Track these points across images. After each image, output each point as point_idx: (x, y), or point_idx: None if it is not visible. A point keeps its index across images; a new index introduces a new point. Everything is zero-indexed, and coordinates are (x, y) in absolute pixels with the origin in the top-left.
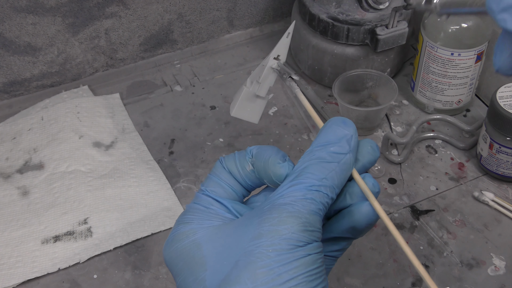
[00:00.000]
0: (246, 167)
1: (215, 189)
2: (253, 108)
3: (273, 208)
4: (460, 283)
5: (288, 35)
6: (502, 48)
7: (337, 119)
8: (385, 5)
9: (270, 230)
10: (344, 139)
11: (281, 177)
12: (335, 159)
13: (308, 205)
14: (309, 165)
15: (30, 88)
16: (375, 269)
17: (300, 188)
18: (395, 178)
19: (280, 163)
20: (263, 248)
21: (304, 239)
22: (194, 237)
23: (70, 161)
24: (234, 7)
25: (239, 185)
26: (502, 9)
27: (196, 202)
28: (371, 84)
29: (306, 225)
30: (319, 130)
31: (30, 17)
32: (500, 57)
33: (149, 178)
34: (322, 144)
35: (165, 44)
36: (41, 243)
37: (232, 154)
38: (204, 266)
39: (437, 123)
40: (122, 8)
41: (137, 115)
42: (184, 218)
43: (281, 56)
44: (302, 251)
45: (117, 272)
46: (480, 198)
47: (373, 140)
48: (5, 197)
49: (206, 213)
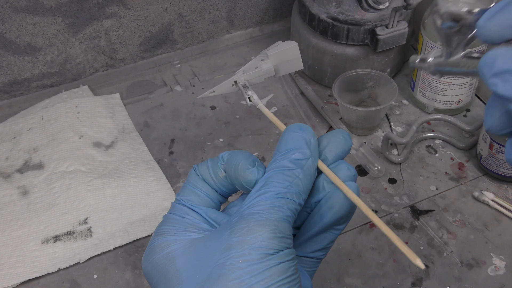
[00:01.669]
0: (219, 173)
1: (191, 198)
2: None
3: (241, 219)
4: (460, 283)
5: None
6: (493, 110)
7: (293, 126)
8: (385, 5)
9: (240, 241)
10: (303, 144)
11: (250, 182)
12: (298, 166)
13: (276, 212)
14: (273, 174)
15: (30, 88)
16: (375, 269)
17: (267, 197)
18: (395, 178)
19: (250, 169)
20: (233, 259)
21: (274, 246)
22: (168, 249)
23: (70, 161)
24: (234, 7)
25: (214, 192)
26: (493, 74)
27: (172, 212)
28: (371, 84)
29: (276, 232)
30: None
31: (30, 17)
32: (490, 119)
33: (149, 178)
34: (283, 152)
35: (165, 44)
36: (41, 243)
37: (205, 162)
38: (178, 279)
39: (437, 123)
40: (122, 8)
41: (137, 115)
42: (160, 229)
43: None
44: (273, 260)
45: (117, 272)
46: (480, 198)
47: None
48: (5, 196)
49: (181, 223)
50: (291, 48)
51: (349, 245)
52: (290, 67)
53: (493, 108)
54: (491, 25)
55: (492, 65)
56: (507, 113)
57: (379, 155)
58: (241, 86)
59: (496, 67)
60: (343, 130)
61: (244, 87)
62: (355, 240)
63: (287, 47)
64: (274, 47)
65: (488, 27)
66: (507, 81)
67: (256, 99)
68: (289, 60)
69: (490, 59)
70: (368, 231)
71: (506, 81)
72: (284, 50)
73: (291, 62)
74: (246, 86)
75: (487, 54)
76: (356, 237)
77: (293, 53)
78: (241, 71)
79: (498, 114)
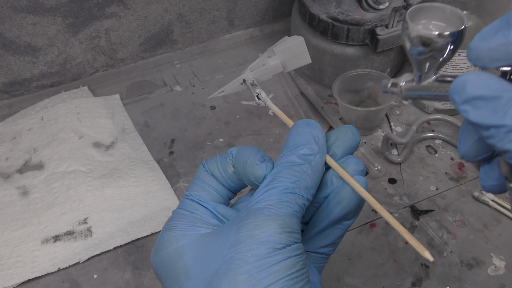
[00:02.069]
0: (227, 169)
1: (200, 193)
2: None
3: (249, 214)
4: (460, 283)
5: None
6: (466, 136)
7: (301, 121)
8: (385, 5)
9: (248, 235)
10: (311, 139)
11: (259, 178)
12: (306, 161)
13: (284, 207)
14: (282, 169)
15: (30, 88)
16: (375, 269)
17: (275, 192)
18: (395, 178)
19: (258, 164)
20: (242, 254)
21: (282, 241)
22: (177, 244)
23: (70, 161)
24: (234, 7)
25: (223, 187)
26: (464, 101)
27: (181, 207)
28: (371, 84)
29: (284, 227)
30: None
31: (30, 17)
32: (464, 145)
33: (149, 178)
34: (291, 148)
35: (165, 44)
36: (41, 243)
37: (214, 157)
38: (187, 274)
39: (437, 123)
40: (122, 8)
41: (137, 115)
42: (169, 224)
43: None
44: (281, 255)
45: (117, 272)
46: (480, 198)
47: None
48: (5, 197)
49: (190, 219)
50: (297, 43)
51: (349, 245)
52: (298, 62)
53: (466, 134)
54: (484, 48)
55: (462, 91)
56: (480, 140)
57: (379, 155)
58: (249, 84)
59: (466, 93)
60: (351, 126)
61: (252, 85)
62: (355, 240)
63: (293, 42)
64: (280, 43)
65: (480, 50)
66: (478, 108)
67: (264, 97)
68: (296, 55)
69: (460, 85)
70: (368, 231)
71: (477, 107)
72: (291, 45)
73: (299, 57)
74: (254, 84)
75: (457, 80)
76: (356, 237)
77: (299, 47)
78: (249, 69)
79: (471, 141)
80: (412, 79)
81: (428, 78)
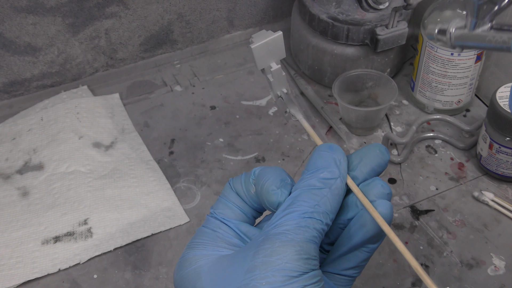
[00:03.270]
0: (250, 189)
1: (224, 211)
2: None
3: (266, 239)
4: (460, 283)
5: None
6: None
7: (323, 145)
8: (385, 5)
9: (264, 262)
10: (332, 163)
11: (273, 204)
12: (326, 185)
13: (302, 233)
14: (301, 193)
15: (30, 88)
16: (375, 269)
17: (293, 217)
18: (395, 178)
19: (274, 190)
20: (257, 281)
21: (299, 268)
22: (196, 265)
23: (70, 162)
24: (234, 7)
25: (247, 206)
26: None
27: (205, 225)
28: (371, 84)
29: (301, 253)
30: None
31: (30, 17)
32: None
33: (149, 178)
34: (312, 171)
35: (165, 44)
36: (41, 244)
37: (240, 176)
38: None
39: (437, 123)
40: (122, 8)
41: (137, 115)
42: (192, 242)
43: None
44: (296, 283)
45: (117, 272)
46: (480, 198)
47: (372, 139)
48: (5, 197)
49: (212, 238)
50: (275, 37)
51: None
52: (274, 56)
53: None
54: None
55: None
56: None
57: None
58: (282, 99)
59: None
60: (380, 144)
61: (283, 99)
62: None
63: (271, 37)
64: (257, 37)
65: None
66: None
67: (295, 112)
68: (272, 50)
69: None
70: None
71: None
72: (267, 41)
73: (274, 52)
74: (281, 97)
75: None
76: None
77: (277, 42)
78: (276, 88)
79: None
80: (463, 25)
81: (483, 25)
